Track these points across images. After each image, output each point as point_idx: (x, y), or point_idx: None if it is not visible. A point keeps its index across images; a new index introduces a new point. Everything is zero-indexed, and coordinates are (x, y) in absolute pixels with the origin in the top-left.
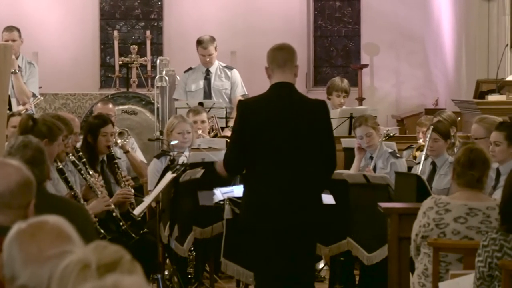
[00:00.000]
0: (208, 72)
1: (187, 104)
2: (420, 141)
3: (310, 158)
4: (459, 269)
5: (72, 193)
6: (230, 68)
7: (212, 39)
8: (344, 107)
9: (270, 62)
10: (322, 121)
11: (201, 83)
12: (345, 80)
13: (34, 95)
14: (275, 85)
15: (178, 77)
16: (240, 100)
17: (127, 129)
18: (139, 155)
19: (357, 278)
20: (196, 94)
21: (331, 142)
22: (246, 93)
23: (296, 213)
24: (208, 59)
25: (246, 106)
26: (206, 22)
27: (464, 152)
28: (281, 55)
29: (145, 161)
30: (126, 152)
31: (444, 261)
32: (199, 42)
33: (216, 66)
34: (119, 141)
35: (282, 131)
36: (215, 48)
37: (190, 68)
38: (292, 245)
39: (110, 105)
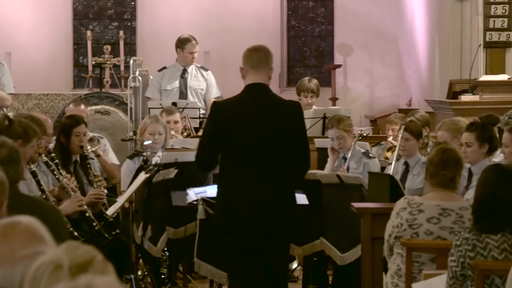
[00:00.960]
0: (184, 71)
1: (160, 104)
2: (390, 138)
3: (284, 159)
4: (432, 269)
5: (44, 196)
6: (206, 69)
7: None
8: (315, 107)
9: (245, 63)
10: (296, 122)
11: (177, 82)
12: (314, 80)
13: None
14: (249, 86)
15: (151, 77)
16: (214, 102)
17: (97, 136)
18: (111, 157)
19: (330, 278)
20: (172, 93)
21: (305, 143)
22: (221, 94)
23: (270, 213)
24: (194, 57)
25: (220, 108)
26: (179, 22)
27: (437, 152)
28: (256, 56)
29: (117, 162)
30: (98, 156)
31: (417, 261)
32: (188, 40)
33: (192, 66)
34: (88, 147)
35: (256, 133)
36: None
37: (165, 67)
38: (266, 246)
39: (82, 106)
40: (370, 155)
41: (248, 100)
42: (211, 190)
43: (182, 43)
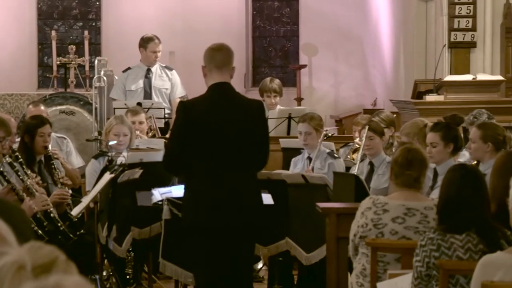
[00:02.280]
0: (148, 71)
1: (125, 104)
2: (357, 140)
3: (249, 158)
4: (397, 269)
5: (10, 187)
6: (170, 69)
7: (159, 38)
8: (280, 107)
9: (208, 62)
10: (259, 121)
11: (141, 82)
12: (276, 80)
13: None
14: (214, 85)
15: (116, 77)
16: (180, 101)
17: (61, 137)
18: (74, 159)
19: (295, 278)
20: (136, 93)
21: (265, 141)
22: (185, 94)
23: (236, 213)
24: (157, 56)
25: (186, 107)
26: (144, 22)
27: (401, 152)
28: (220, 56)
29: (81, 164)
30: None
31: (382, 261)
32: (151, 39)
33: (156, 65)
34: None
35: (222, 132)
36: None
37: (129, 68)
38: (231, 246)
39: (42, 107)
40: (335, 155)
41: (214, 100)
42: (176, 190)
43: (145, 42)
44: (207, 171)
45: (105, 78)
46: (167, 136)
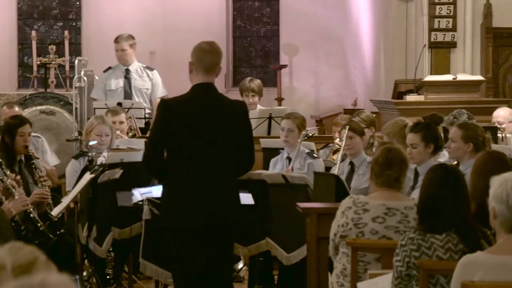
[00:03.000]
0: (127, 71)
1: (105, 104)
2: (337, 140)
3: (230, 158)
4: (378, 268)
5: None
6: (151, 69)
7: (128, 37)
8: (260, 107)
9: (196, 61)
10: (242, 121)
11: (121, 82)
12: (256, 81)
13: None
14: (197, 85)
15: (96, 77)
16: (162, 99)
17: (35, 136)
18: (49, 158)
19: (276, 278)
20: (117, 93)
21: (250, 142)
22: (166, 94)
23: (215, 213)
24: (121, 55)
25: (168, 106)
26: (124, 22)
27: (382, 152)
28: (211, 58)
29: (56, 162)
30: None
31: (362, 261)
32: (115, 38)
33: (136, 66)
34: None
35: (203, 132)
36: (130, 45)
37: (110, 68)
38: (211, 246)
39: (16, 108)
40: (315, 155)
41: (196, 99)
42: (156, 191)
43: (114, 42)
44: (184, 171)
45: (85, 78)
46: (148, 135)
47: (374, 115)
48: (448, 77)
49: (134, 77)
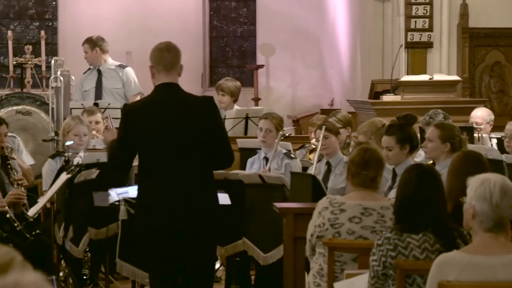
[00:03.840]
0: (99, 71)
1: (82, 104)
2: (313, 141)
3: (202, 156)
4: (354, 268)
5: None
6: (123, 67)
7: (88, 40)
8: (237, 107)
9: (156, 63)
10: (210, 117)
11: (93, 82)
12: (231, 82)
13: None
14: (160, 86)
15: (73, 78)
16: (124, 104)
17: (11, 136)
18: (24, 158)
19: (253, 278)
20: (89, 94)
21: (224, 136)
22: (141, 91)
23: (190, 214)
24: (85, 57)
25: (129, 110)
26: (101, 22)
27: (358, 152)
28: (169, 57)
29: (31, 162)
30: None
31: (339, 261)
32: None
33: (107, 66)
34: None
35: (170, 132)
36: (91, 48)
37: (89, 69)
38: (188, 247)
39: None
40: (292, 155)
41: (159, 100)
42: (133, 191)
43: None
44: (152, 173)
45: (61, 78)
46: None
47: (351, 115)
48: (424, 77)
49: (105, 77)
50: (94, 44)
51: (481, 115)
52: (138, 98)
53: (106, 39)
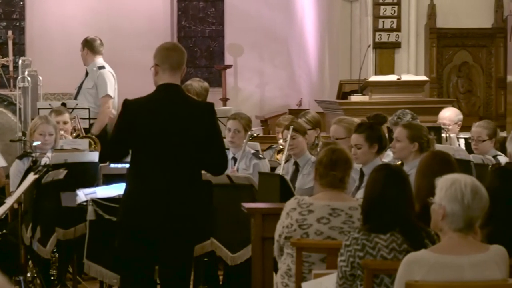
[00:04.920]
0: (86, 72)
1: (49, 104)
2: (280, 141)
3: (194, 160)
4: (322, 269)
5: None
6: (101, 68)
7: (85, 39)
8: None
9: (162, 62)
10: (208, 122)
11: (80, 83)
12: (196, 82)
13: None
14: (162, 86)
15: (40, 78)
16: (125, 100)
17: None
18: None
19: (221, 279)
20: (74, 95)
21: (219, 144)
22: (108, 93)
23: (176, 215)
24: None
25: (128, 106)
26: (69, 22)
27: (326, 153)
28: (176, 57)
29: (3, 164)
30: None
31: (307, 261)
32: None
33: (92, 66)
34: None
35: (165, 134)
36: (83, 47)
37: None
38: (166, 247)
39: None
40: (260, 155)
41: (159, 101)
42: (101, 191)
43: None
44: (143, 172)
45: (29, 78)
46: (91, 135)
47: (320, 116)
48: (392, 77)
49: (87, 78)
50: (83, 44)
51: (448, 116)
52: (110, 101)
53: (73, 39)
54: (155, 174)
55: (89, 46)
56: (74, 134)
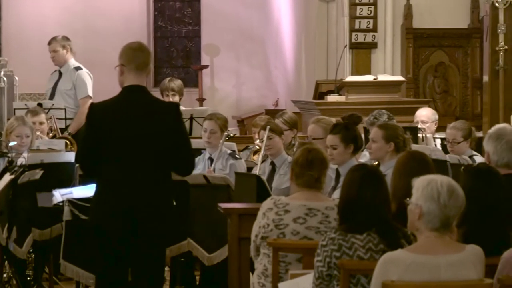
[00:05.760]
0: (60, 73)
1: (25, 105)
2: (257, 141)
3: (161, 161)
4: (299, 269)
5: None
6: (77, 69)
7: (62, 38)
8: (182, 107)
9: (128, 62)
10: (174, 123)
11: (53, 83)
12: (176, 80)
13: None
14: (128, 88)
15: (16, 78)
16: (90, 104)
17: None
18: None
19: (197, 279)
20: (48, 95)
21: (186, 144)
22: (88, 94)
23: (145, 216)
24: (52, 56)
25: (96, 110)
26: (45, 22)
27: (302, 153)
28: (143, 57)
29: None
30: None
31: (283, 261)
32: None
33: (67, 67)
34: None
35: (132, 135)
36: (63, 46)
37: (55, 70)
38: (139, 248)
39: None
40: (236, 156)
41: (125, 102)
42: (77, 191)
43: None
44: (113, 173)
45: (5, 78)
46: (67, 136)
47: (296, 116)
48: (368, 78)
49: (62, 79)
50: (67, 43)
51: (425, 114)
52: (89, 101)
53: (49, 39)
54: (121, 176)
55: (69, 46)
56: (51, 134)
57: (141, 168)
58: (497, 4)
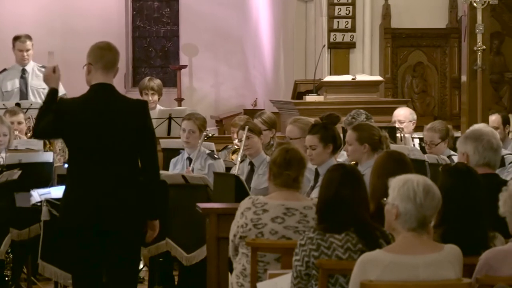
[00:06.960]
0: (24, 71)
1: (3, 104)
2: (235, 141)
3: (129, 158)
4: (277, 268)
5: None
6: (43, 66)
7: (29, 37)
8: (160, 107)
9: (95, 61)
10: (141, 121)
11: (17, 82)
12: (156, 80)
13: None
14: (95, 86)
15: None
16: (60, 97)
17: None
18: None
19: (176, 279)
20: (13, 94)
21: (151, 145)
22: (65, 93)
23: (115, 214)
24: (26, 55)
25: (61, 106)
26: (22, 21)
27: (280, 153)
28: (111, 57)
29: None
30: None
31: (262, 261)
32: (16, 38)
33: (32, 65)
34: None
35: (99, 132)
36: (32, 45)
37: (5, 69)
38: (111, 247)
39: None
40: (215, 156)
41: (92, 100)
42: (55, 191)
43: (13, 41)
44: (78, 171)
45: None
46: None
47: (275, 116)
48: (347, 78)
49: (31, 77)
50: (30, 41)
51: (403, 113)
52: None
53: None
54: (89, 174)
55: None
56: (29, 134)
57: (108, 166)
58: (475, 4)
